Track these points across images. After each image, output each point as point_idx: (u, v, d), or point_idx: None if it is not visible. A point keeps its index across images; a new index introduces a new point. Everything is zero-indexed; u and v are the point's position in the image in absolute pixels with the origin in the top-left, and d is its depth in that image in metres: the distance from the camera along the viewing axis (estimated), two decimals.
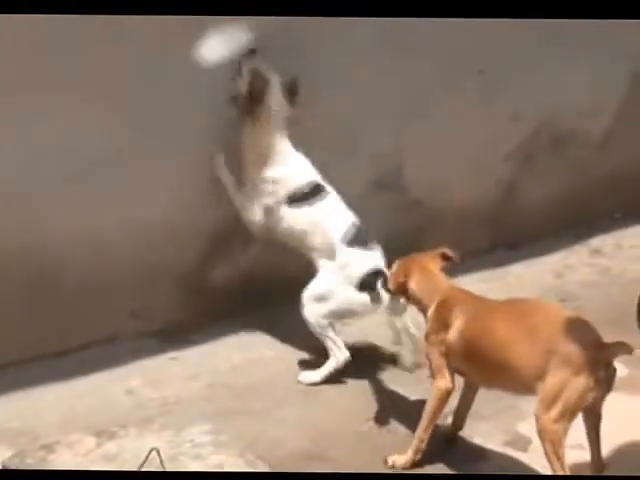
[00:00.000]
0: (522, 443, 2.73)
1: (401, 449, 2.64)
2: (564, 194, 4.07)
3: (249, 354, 3.33)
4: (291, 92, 3.14)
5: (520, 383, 2.44)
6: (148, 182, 3.24)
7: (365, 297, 3.11)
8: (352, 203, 3.53)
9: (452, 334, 2.57)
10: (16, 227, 3.07)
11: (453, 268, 3.68)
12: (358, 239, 3.14)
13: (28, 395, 2.96)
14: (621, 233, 4.26)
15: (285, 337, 3.42)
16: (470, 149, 3.77)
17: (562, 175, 4.13)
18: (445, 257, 2.83)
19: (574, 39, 3.91)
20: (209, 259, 3.48)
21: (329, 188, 3.22)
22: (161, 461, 2.36)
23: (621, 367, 3.04)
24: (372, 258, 3.13)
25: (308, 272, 3.35)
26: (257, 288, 3.52)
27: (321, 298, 3.13)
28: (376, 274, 3.09)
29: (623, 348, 2.31)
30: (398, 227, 3.74)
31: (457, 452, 2.74)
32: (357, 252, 3.13)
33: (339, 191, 3.44)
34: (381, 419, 2.88)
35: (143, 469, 2.45)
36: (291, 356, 3.32)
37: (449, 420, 2.83)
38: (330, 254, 3.14)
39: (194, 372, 3.20)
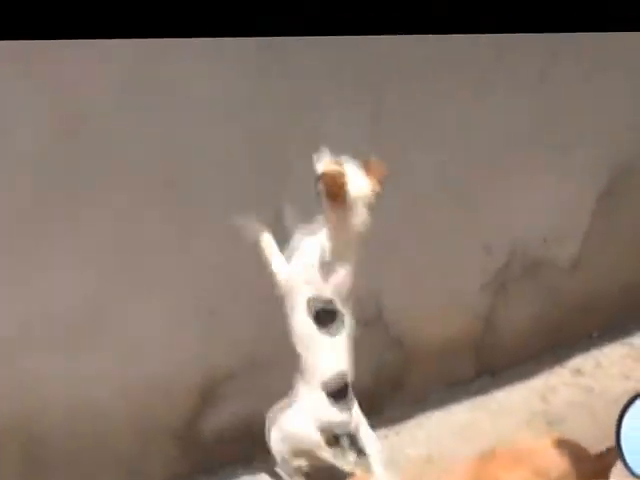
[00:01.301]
0: None
1: None
2: (540, 319, 4.09)
3: None
4: None
5: None
6: (138, 342, 3.23)
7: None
8: None
9: None
10: (6, 396, 3.02)
11: (439, 400, 3.71)
12: None
13: None
14: (599, 351, 4.28)
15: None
16: (446, 283, 3.79)
17: (536, 301, 4.15)
18: None
19: (539, 166, 3.97)
20: (200, 412, 3.43)
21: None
22: None
23: None
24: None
25: None
26: (249, 436, 3.42)
27: None
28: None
29: (614, 455, 2.22)
30: (383, 364, 3.75)
31: None
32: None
33: None
34: None
35: None
36: None
37: None
38: None
39: None
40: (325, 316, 3.09)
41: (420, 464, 3.46)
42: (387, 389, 3.76)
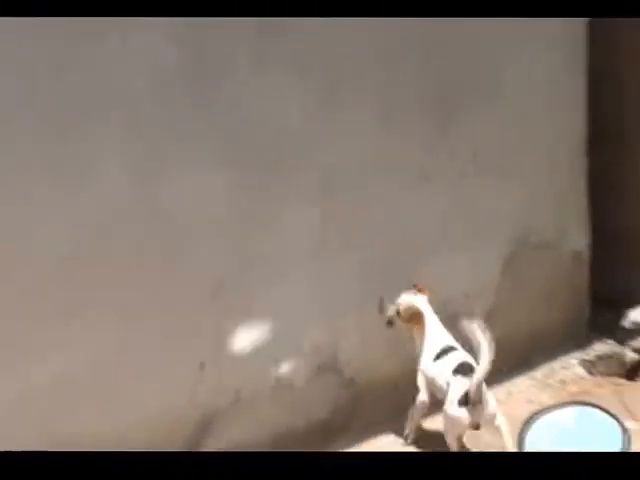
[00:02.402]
0: None
1: None
2: None
3: None
4: None
5: None
6: (150, 391, 3.54)
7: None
8: (300, 384, 3.88)
9: None
10: (40, 436, 3.26)
11: (388, 429, 3.98)
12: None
13: None
14: (511, 384, 4.48)
15: None
16: (389, 332, 4.02)
17: (461, 344, 4.08)
18: None
19: (461, 240, 4.38)
20: (197, 441, 3.69)
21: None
22: None
23: None
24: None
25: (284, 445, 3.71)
26: None
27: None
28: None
29: None
30: (339, 401, 4.04)
31: None
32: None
33: (290, 377, 3.85)
34: None
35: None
36: None
37: None
38: None
39: None
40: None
41: None
42: (342, 422, 4.01)
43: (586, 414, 1.97)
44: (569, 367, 4.75)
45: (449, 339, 3.89)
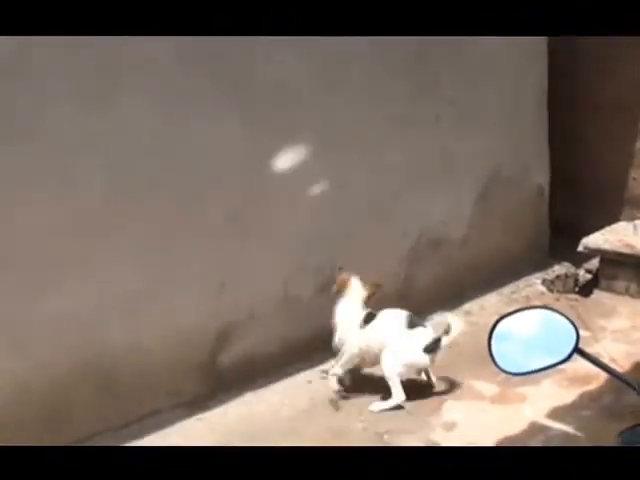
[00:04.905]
0: None
1: None
2: (442, 278, 4.50)
3: (250, 410, 3.68)
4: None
5: None
6: (173, 307, 3.64)
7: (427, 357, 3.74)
8: (305, 300, 3.99)
9: None
10: (83, 344, 3.42)
11: None
12: (415, 323, 3.75)
13: None
14: (483, 299, 4.67)
15: (275, 397, 3.77)
16: (382, 256, 4.22)
17: (440, 266, 4.54)
18: None
19: (442, 179, 4.49)
20: (218, 348, 3.82)
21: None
22: None
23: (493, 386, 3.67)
24: (429, 332, 3.76)
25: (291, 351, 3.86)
26: (251, 366, 3.86)
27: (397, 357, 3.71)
28: (435, 342, 3.73)
29: None
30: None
31: None
32: (418, 330, 3.74)
33: (297, 294, 3.92)
34: None
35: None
36: (279, 409, 3.67)
37: None
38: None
39: (213, 428, 3.52)
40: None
41: None
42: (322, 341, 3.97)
43: (546, 316, 1.93)
44: (532, 285, 4.89)
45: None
